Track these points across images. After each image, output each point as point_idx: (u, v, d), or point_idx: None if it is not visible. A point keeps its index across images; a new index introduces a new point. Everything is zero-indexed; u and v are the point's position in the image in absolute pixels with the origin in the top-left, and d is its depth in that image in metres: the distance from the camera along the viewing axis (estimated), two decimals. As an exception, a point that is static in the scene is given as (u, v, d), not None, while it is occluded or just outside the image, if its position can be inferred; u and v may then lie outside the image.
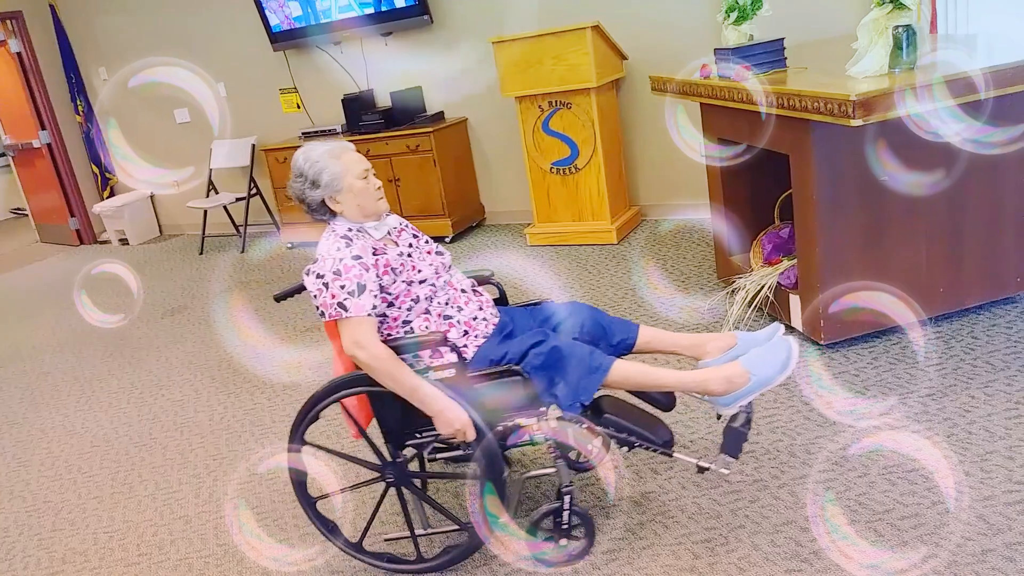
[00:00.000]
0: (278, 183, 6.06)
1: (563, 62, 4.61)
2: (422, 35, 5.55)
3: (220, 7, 6.26)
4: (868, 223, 2.97)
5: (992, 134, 2.74)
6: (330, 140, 2.27)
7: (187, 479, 3.06)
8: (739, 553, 2.14)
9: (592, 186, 4.85)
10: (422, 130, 5.34)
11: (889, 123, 2.70)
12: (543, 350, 2.07)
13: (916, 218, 2.99)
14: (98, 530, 2.84)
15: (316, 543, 2.51)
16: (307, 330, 4.34)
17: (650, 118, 4.99)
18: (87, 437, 3.58)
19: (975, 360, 2.84)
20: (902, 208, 2.97)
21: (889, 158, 2.88)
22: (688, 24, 4.61)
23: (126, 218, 7.26)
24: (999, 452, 2.34)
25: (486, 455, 2.08)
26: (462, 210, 5.63)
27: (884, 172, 2.90)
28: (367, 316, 2.07)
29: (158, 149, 7.16)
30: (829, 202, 2.92)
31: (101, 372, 4.32)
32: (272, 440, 3.22)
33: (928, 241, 3.02)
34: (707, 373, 2.09)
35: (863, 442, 2.50)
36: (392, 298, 2.17)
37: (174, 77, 5.59)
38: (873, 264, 3.02)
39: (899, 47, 2.72)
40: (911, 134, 2.87)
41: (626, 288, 4.07)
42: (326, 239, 2.20)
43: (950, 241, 3.04)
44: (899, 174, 2.87)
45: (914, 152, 2.91)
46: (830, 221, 2.94)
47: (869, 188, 2.93)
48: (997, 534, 2.03)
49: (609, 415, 2.15)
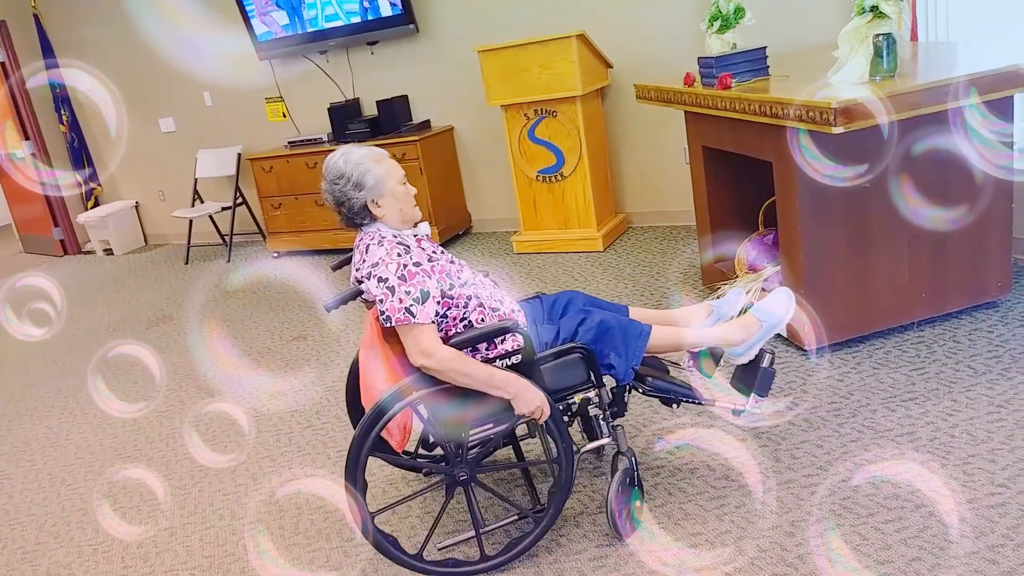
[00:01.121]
0: (264, 192, 6.05)
1: (548, 70, 4.63)
2: (408, 44, 5.56)
3: (205, 16, 6.25)
4: (851, 229, 3.00)
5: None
6: (361, 145, 2.24)
7: (172, 490, 3.04)
8: (725, 558, 2.15)
9: (578, 194, 4.87)
10: (408, 139, 5.35)
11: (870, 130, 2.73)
12: (591, 325, 2.25)
13: (898, 224, 3.02)
14: (82, 543, 2.82)
15: (325, 558, 2.50)
16: (293, 340, 4.34)
17: (635, 126, 5.02)
18: (71, 448, 3.56)
19: (957, 364, 2.87)
20: (884, 214, 3.00)
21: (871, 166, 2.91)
22: (672, 33, 4.64)
23: (111, 228, 7.23)
24: (981, 455, 2.36)
25: (561, 431, 2.19)
26: (449, 218, 5.64)
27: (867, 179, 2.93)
28: (431, 323, 2.08)
29: (143, 158, 7.14)
30: (812, 209, 2.95)
31: (85, 383, 4.29)
32: (259, 450, 3.21)
33: (910, 247, 3.05)
34: (725, 326, 2.40)
35: (847, 447, 2.52)
36: (452, 302, 2.18)
37: (75, 81, 5.57)
38: (856, 270, 3.04)
39: (879, 55, 2.75)
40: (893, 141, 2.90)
41: (614, 295, 4.08)
42: (379, 244, 2.14)
43: (932, 247, 3.07)
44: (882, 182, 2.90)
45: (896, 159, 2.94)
46: (813, 227, 2.97)
47: (851, 195, 2.95)
48: (980, 536, 2.05)
49: (654, 380, 2.37)
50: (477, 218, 5.89)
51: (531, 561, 2.28)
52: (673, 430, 2.77)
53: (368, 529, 2.16)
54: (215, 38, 6.28)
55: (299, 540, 2.59)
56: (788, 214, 3.01)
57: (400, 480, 2.77)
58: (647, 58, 4.76)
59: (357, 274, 2.19)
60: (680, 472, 2.55)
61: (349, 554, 2.47)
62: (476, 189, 5.81)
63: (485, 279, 2.35)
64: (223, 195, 6.60)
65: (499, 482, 2.70)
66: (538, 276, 4.63)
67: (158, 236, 7.48)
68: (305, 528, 2.65)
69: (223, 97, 6.52)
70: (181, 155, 6.81)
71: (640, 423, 2.87)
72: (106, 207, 7.35)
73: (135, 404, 3.88)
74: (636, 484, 2.32)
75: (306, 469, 3.01)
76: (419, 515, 2.60)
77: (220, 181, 6.65)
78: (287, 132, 6.24)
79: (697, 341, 2.41)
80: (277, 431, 3.33)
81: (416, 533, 2.49)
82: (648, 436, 2.79)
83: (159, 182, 7.20)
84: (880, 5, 2.67)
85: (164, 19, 6.41)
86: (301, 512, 2.74)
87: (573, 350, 2.23)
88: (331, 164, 2.18)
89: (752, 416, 2.41)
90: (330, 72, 5.95)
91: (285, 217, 6.04)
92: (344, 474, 2.11)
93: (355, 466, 2.11)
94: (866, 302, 3.08)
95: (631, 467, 2.31)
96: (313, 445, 3.16)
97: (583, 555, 2.27)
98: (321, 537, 2.58)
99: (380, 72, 5.77)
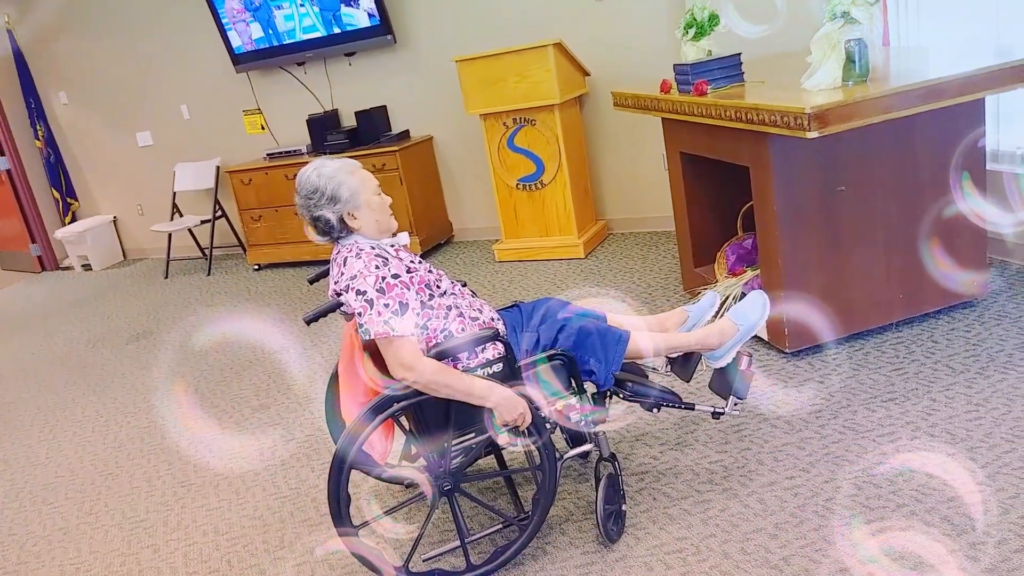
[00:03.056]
0: (243, 205, 6.02)
1: (526, 79, 4.65)
2: (386, 55, 5.57)
3: (181, 29, 6.23)
4: (828, 232, 3.03)
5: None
6: (334, 158, 2.24)
7: (155, 507, 3.02)
8: (711, 562, 2.16)
9: (558, 201, 4.88)
10: (388, 149, 5.35)
11: (843, 134, 2.76)
12: (571, 331, 2.26)
13: (875, 226, 3.06)
14: (64, 562, 2.79)
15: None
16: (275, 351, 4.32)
17: (614, 133, 5.05)
18: (51, 467, 3.52)
19: (935, 364, 2.90)
20: (861, 217, 3.03)
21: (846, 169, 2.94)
22: (648, 40, 4.68)
23: (88, 243, 7.17)
24: (960, 454, 2.38)
25: (544, 438, 2.19)
26: (429, 228, 5.64)
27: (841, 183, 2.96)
28: (411, 336, 2.07)
29: (121, 172, 7.10)
30: (789, 212, 2.98)
31: (65, 400, 4.25)
32: (244, 466, 3.19)
33: (887, 249, 3.09)
34: (704, 331, 2.43)
35: (829, 448, 2.54)
36: (433, 312, 2.18)
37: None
38: (834, 272, 3.07)
39: (852, 60, 2.78)
40: (867, 144, 2.94)
41: (595, 301, 4.09)
42: (356, 257, 2.13)
43: (909, 248, 3.11)
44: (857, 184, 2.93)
45: (871, 162, 2.98)
46: (791, 231, 3.00)
47: (828, 198, 2.99)
48: (961, 534, 2.07)
49: (634, 385, 2.39)
50: (458, 227, 5.89)
51: (517, 569, 2.28)
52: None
53: (352, 542, 2.15)
54: (192, 51, 6.26)
55: (283, 554, 2.57)
56: (766, 218, 3.04)
57: (385, 492, 2.76)
58: (624, 66, 4.79)
59: (335, 287, 2.18)
60: (664, 476, 2.56)
61: (335, 567, 2.45)
62: (457, 198, 5.81)
63: (464, 289, 2.35)
64: (202, 208, 6.56)
65: (483, 491, 2.70)
66: (520, 284, 4.63)
67: (137, 251, 7.42)
68: (290, 541, 2.63)
69: (201, 110, 6.49)
70: (159, 169, 6.77)
71: (622, 428, 2.88)
72: (84, 222, 7.29)
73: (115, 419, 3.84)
74: (620, 489, 2.33)
75: (290, 483, 2.99)
76: (404, 527, 2.59)
77: (199, 194, 6.61)
78: (266, 144, 6.22)
79: (675, 345, 2.44)
80: (260, 445, 3.31)
81: (401, 545, 2.48)
82: (631, 441, 2.80)
83: (137, 196, 7.15)
84: (851, 11, 2.70)
85: (140, 32, 6.38)
86: (285, 526, 2.72)
87: (554, 357, 2.24)
88: (304, 179, 2.17)
89: (732, 418, 2.43)
90: (308, 83, 5.94)
91: (265, 229, 6.01)
92: (327, 489, 2.11)
93: (337, 480, 2.10)
94: (845, 304, 3.11)
95: (615, 472, 2.32)
96: (297, 458, 3.14)
97: (569, 562, 2.27)
98: (307, 551, 2.56)
99: (358, 83, 5.77)
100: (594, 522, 2.39)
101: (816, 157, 2.94)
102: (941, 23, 3.72)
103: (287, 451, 3.22)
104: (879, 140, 2.96)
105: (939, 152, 3.02)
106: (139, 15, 6.34)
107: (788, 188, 2.94)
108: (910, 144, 2.99)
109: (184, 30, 6.22)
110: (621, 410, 2.93)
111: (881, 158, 2.99)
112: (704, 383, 2.71)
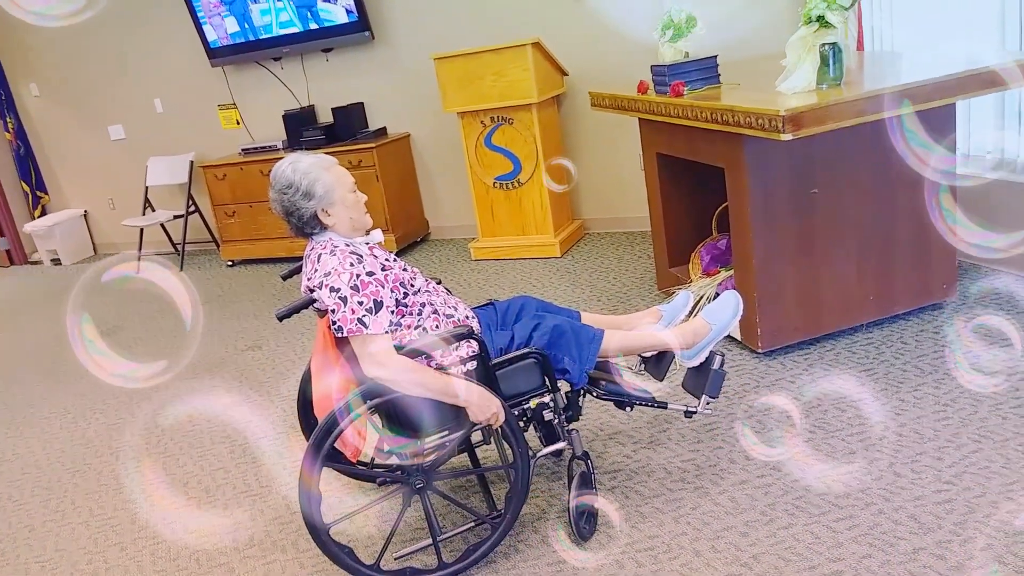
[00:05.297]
0: (217, 200, 5.96)
1: (504, 78, 4.64)
2: (363, 51, 5.54)
3: (156, 22, 6.15)
4: (801, 234, 3.06)
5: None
6: (309, 153, 2.21)
7: (122, 505, 2.98)
8: (681, 560, 2.17)
9: (535, 200, 4.89)
10: (364, 146, 5.32)
11: (817, 137, 2.79)
12: (545, 330, 2.26)
13: (847, 228, 3.09)
14: (29, 560, 2.74)
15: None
16: (246, 349, 4.28)
17: (591, 133, 5.06)
18: (17, 464, 3.46)
19: (904, 365, 2.94)
20: (833, 219, 3.06)
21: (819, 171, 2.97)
22: (626, 41, 4.69)
23: (58, 237, 7.06)
24: (928, 453, 2.41)
25: (517, 436, 2.20)
26: (406, 225, 5.62)
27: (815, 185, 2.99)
28: (385, 333, 2.06)
29: (92, 167, 7.00)
30: (763, 214, 3.00)
31: (32, 396, 4.18)
32: (215, 464, 3.16)
33: (859, 251, 3.12)
34: (676, 330, 2.45)
35: (799, 447, 2.56)
36: (407, 309, 2.17)
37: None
38: (806, 274, 3.10)
39: (826, 64, 2.81)
40: (840, 148, 2.97)
41: (571, 300, 4.10)
42: (331, 254, 2.11)
43: (880, 250, 3.14)
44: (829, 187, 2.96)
45: (843, 165, 3.01)
46: (764, 232, 3.02)
47: (801, 200, 3.02)
48: (928, 533, 2.10)
49: (608, 383, 2.41)
50: (435, 225, 5.88)
51: (489, 567, 2.28)
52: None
53: (324, 540, 2.14)
54: (166, 44, 6.19)
55: (253, 552, 2.55)
56: (740, 219, 3.06)
57: (357, 490, 2.74)
58: (602, 66, 4.80)
59: (309, 283, 2.16)
60: (637, 475, 2.57)
61: (304, 565, 2.44)
62: (433, 196, 5.80)
63: (438, 287, 2.35)
64: (175, 203, 6.49)
65: (456, 489, 2.69)
66: (496, 283, 4.63)
67: (108, 245, 7.32)
68: (260, 540, 2.61)
69: (174, 104, 6.42)
70: (131, 163, 6.69)
71: (595, 427, 2.89)
72: (53, 216, 7.18)
73: (83, 416, 3.79)
74: (593, 487, 2.33)
75: (260, 480, 2.96)
76: (376, 524, 2.57)
77: (172, 189, 6.54)
78: (241, 139, 6.17)
79: (648, 344, 2.45)
80: (232, 442, 3.28)
81: (373, 543, 2.47)
82: (604, 439, 2.81)
83: (108, 190, 7.06)
84: (826, 15, 2.73)
85: (113, 24, 6.30)
86: (255, 523, 2.70)
87: (528, 355, 2.24)
88: (279, 173, 2.15)
89: (704, 417, 2.44)
90: (284, 79, 5.89)
91: (239, 225, 5.96)
92: (298, 485, 2.09)
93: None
94: (816, 305, 3.14)
95: (588, 471, 2.32)
96: (268, 456, 3.12)
97: (541, 560, 2.27)
98: (276, 549, 2.54)
99: (335, 79, 5.73)
100: (567, 520, 2.39)
101: (790, 159, 2.96)
102: (915, 29, 3.77)
103: (259, 448, 3.19)
104: (852, 143, 2.99)
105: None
106: (113, 6, 6.25)
107: (762, 190, 2.97)
108: (883, 147, 3.02)
109: (159, 23, 6.14)
110: (594, 407, 2.93)
111: (854, 161, 3.02)
112: (677, 382, 2.72)
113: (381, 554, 2.23)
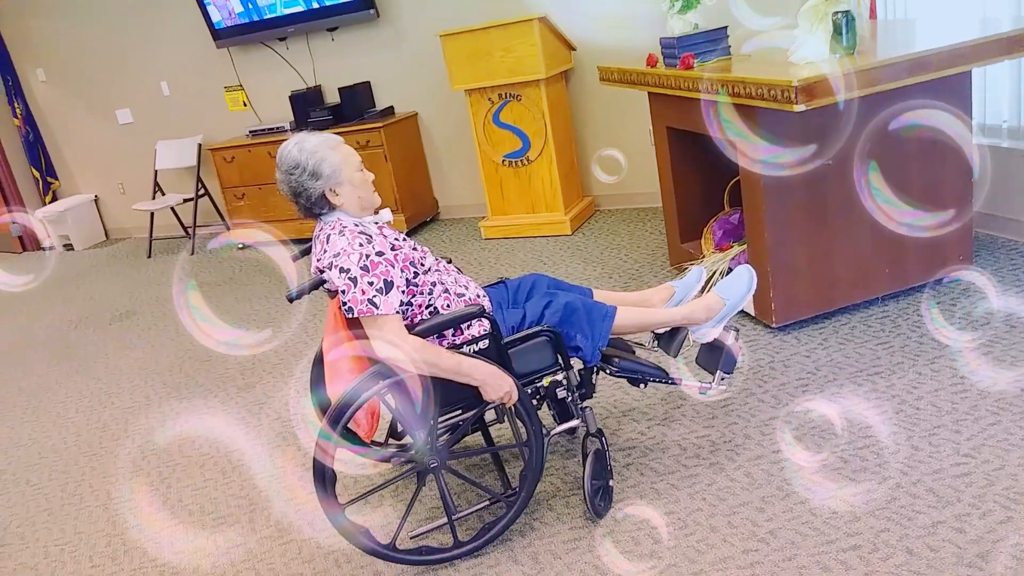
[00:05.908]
0: (226, 183, 5.96)
1: (511, 54, 4.60)
2: (369, 30, 5.49)
3: (160, 3, 6.12)
4: (814, 207, 3.02)
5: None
6: (315, 133, 2.19)
7: (140, 488, 2.99)
8: (697, 536, 2.16)
9: (545, 177, 4.85)
10: (372, 125, 5.29)
11: (830, 107, 2.74)
12: (557, 307, 2.24)
13: (860, 200, 3.04)
14: (48, 543, 2.77)
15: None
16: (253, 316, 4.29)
17: (600, 108, 5.01)
18: (35, 448, 3.49)
19: (921, 338, 2.91)
20: (847, 191, 3.02)
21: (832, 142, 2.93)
22: (634, 14, 4.63)
23: (70, 222, 7.08)
24: (946, 426, 2.39)
25: (530, 415, 2.19)
26: (415, 205, 5.60)
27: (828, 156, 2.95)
28: (396, 313, 2.04)
29: (101, 151, 7.00)
30: (775, 187, 2.96)
31: (48, 381, 4.21)
32: (229, 445, 3.17)
33: (872, 222, 3.08)
34: (690, 306, 2.43)
35: (816, 422, 2.54)
36: (417, 289, 2.16)
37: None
38: (820, 247, 3.07)
39: (839, 33, 2.76)
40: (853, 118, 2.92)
41: (582, 278, 4.08)
42: (340, 234, 2.09)
43: (894, 222, 3.11)
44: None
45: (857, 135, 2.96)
46: (777, 206, 2.98)
47: (814, 172, 2.97)
48: (947, 506, 2.08)
49: (621, 360, 2.38)
50: (444, 204, 5.85)
51: (505, 545, 2.28)
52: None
53: (339, 520, 2.14)
54: (171, 26, 6.15)
55: (271, 533, 2.56)
56: (752, 193, 3.03)
57: (371, 470, 2.74)
58: (610, 40, 4.74)
59: (318, 264, 2.15)
60: (651, 452, 2.56)
61: (322, 545, 2.45)
62: (442, 175, 5.77)
63: (449, 265, 2.33)
64: (184, 186, 6.49)
65: (470, 468, 2.69)
66: (507, 261, 4.61)
67: (119, 230, 7.34)
68: (277, 520, 2.62)
69: (181, 87, 6.40)
70: (140, 147, 6.68)
71: (609, 404, 2.88)
72: (64, 201, 7.19)
73: (99, 400, 3.81)
74: (607, 465, 2.33)
75: (276, 462, 2.97)
76: (391, 504, 2.58)
77: (181, 172, 6.53)
78: (248, 121, 6.14)
79: (661, 321, 2.43)
80: (247, 423, 3.29)
81: (388, 522, 2.47)
82: (618, 416, 2.80)
83: (118, 175, 7.06)
84: (838, -18, 2.68)
85: (118, 7, 6.27)
86: (272, 504, 2.71)
87: (540, 333, 2.22)
88: (285, 154, 2.13)
89: (718, 393, 2.43)
90: (290, 59, 5.86)
91: (249, 207, 5.95)
92: (312, 466, 2.09)
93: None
94: (831, 278, 3.11)
95: (602, 448, 2.32)
96: (283, 436, 3.12)
97: (556, 537, 2.27)
98: (293, 529, 2.55)
99: (341, 58, 5.70)
100: (581, 498, 2.39)
101: (803, 130, 2.92)
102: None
103: (272, 430, 3.20)
104: (866, 113, 2.94)
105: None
106: (117, -10, 6.22)
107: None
108: (897, 117, 2.97)
109: (163, 4, 6.11)
110: (608, 384, 2.92)
111: (868, 131, 2.98)
112: (691, 358, 2.71)
113: (396, 533, 2.23)
